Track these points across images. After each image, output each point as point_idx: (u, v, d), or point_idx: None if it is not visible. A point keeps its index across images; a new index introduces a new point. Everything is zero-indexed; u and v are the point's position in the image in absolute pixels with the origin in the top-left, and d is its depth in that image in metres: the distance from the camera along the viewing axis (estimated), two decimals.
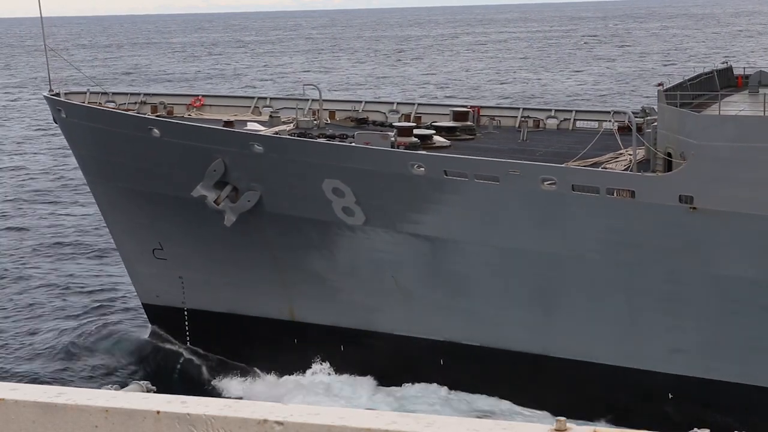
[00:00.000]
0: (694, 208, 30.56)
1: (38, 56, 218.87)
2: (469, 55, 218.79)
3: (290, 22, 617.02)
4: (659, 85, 34.38)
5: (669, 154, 31.84)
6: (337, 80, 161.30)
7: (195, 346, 41.61)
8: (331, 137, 38.30)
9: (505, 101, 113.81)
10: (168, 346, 41.88)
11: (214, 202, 37.52)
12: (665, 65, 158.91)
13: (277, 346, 38.81)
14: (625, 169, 32.68)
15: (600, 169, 33.11)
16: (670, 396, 33.08)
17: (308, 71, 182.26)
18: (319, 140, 37.20)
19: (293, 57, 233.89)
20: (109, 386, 7.29)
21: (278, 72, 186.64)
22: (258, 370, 39.16)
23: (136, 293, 44.36)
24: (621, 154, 34.57)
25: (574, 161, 33.54)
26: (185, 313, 41.62)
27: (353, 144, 36.10)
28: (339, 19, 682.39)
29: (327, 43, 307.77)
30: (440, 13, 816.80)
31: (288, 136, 38.02)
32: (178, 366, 40.82)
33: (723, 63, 41.95)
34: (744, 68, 42.24)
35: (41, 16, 43.08)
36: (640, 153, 33.45)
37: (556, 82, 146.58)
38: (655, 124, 33.31)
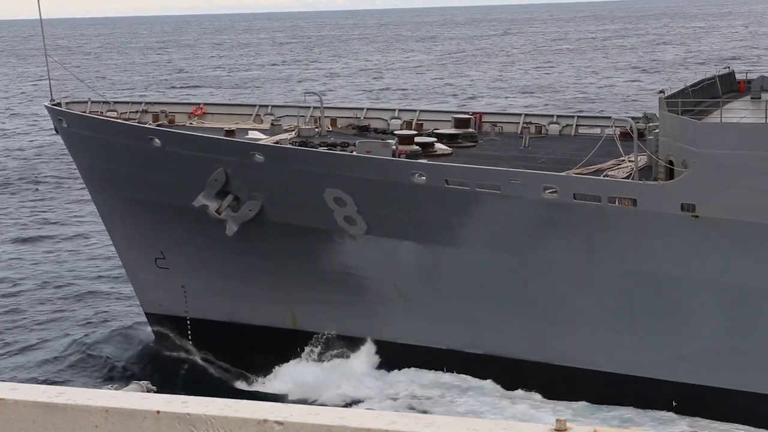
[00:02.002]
0: (696, 216, 30.55)
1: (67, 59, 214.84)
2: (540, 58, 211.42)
3: (304, 23, 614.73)
4: (660, 92, 34.37)
5: (671, 162, 31.82)
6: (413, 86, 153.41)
7: (198, 355, 41.61)
8: (333, 146, 38.33)
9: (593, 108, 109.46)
10: (170, 353, 41.93)
11: (216, 211, 37.58)
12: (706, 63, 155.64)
13: (280, 355, 38.79)
14: (628, 177, 32.67)
15: (602, 176, 33.12)
16: (674, 404, 33.07)
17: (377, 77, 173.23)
18: (320, 149, 37.24)
19: (341, 61, 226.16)
20: (109, 386, 7.29)
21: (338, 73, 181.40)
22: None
23: (138, 302, 44.37)
24: (623, 160, 34.57)
25: (576, 169, 33.55)
26: (188, 321, 41.64)
27: (354, 153, 36.13)
28: (351, 19, 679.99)
29: (356, 45, 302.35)
30: (451, 13, 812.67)
31: (289, 146, 38.05)
32: (181, 372, 40.85)
33: (725, 68, 41.93)
34: (746, 73, 42.16)
35: (42, 26, 43.16)
36: (643, 159, 33.44)
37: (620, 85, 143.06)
38: (657, 131, 33.31)
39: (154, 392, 7.42)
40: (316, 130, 41.66)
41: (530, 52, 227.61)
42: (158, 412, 6.51)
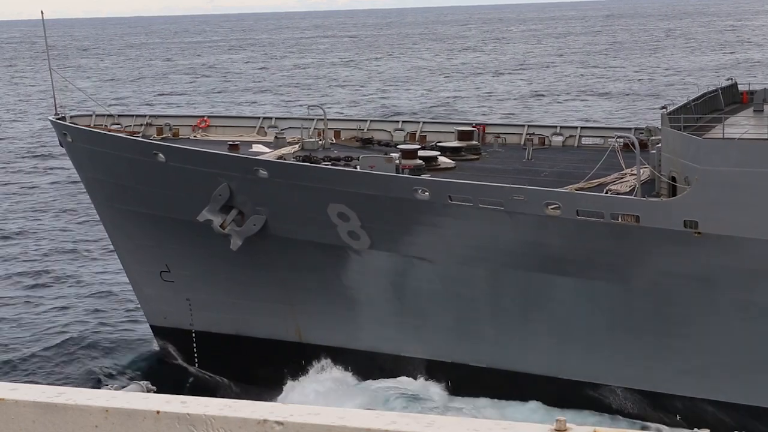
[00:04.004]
0: (699, 233, 30.48)
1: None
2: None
3: (323, 22, 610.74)
4: (663, 107, 34.34)
5: (673, 178, 31.78)
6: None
7: (203, 368, 41.68)
8: (336, 160, 38.38)
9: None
10: (173, 361, 42.08)
11: (220, 226, 37.64)
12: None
13: (285, 368, 38.80)
14: (630, 191, 32.63)
15: (605, 191, 33.08)
16: (678, 417, 33.05)
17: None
18: (323, 165, 37.27)
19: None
20: (109, 386, 7.28)
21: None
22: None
23: (143, 315, 44.43)
24: (626, 174, 34.55)
25: (579, 184, 33.50)
26: (193, 334, 41.69)
27: (358, 168, 36.16)
28: (365, 19, 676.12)
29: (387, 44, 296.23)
30: (455, 12, 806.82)
31: (292, 161, 38.11)
32: (182, 376, 40.96)
33: (728, 80, 41.88)
34: (749, 84, 42.12)
35: (46, 41, 43.29)
36: (645, 173, 33.43)
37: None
38: (659, 145, 33.29)
39: (154, 392, 7.41)
40: (320, 142, 41.72)
41: (580, 53, 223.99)
42: (158, 412, 6.52)
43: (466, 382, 36.02)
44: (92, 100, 54.43)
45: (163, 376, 40.04)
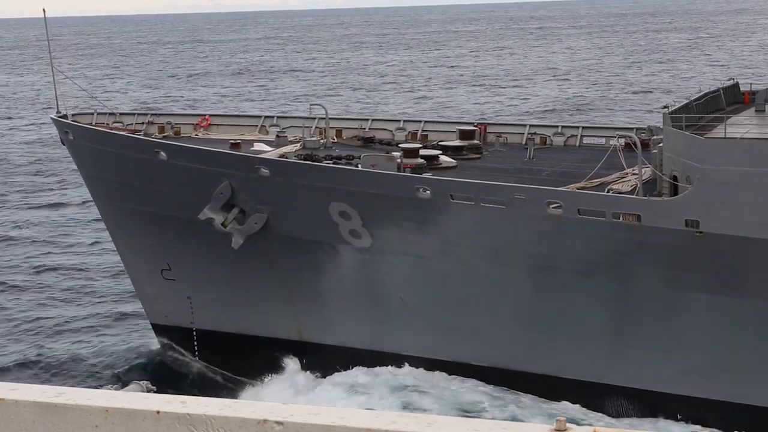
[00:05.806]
0: (701, 232, 30.47)
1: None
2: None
3: (337, 20, 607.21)
4: (665, 107, 34.35)
5: (674, 177, 31.78)
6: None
7: (202, 366, 41.72)
8: (338, 159, 38.40)
9: None
10: (173, 359, 42.10)
11: (222, 224, 37.69)
12: None
13: (285, 366, 38.84)
14: (632, 191, 32.64)
15: (606, 191, 33.10)
16: (679, 417, 33.07)
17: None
18: (325, 164, 37.30)
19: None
20: (109, 386, 7.28)
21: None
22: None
23: (144, 313, 44.44)
24: (627, 173, 34.55)
25: (581, 183, 33.50)
26: (194, 333, 41.73)
27: (359, 167, 36.18)
28: (372, 17, 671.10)
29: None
30: (464, 11, 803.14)
31: (294, 160, 38.12)
32: (183, 376, 40.97)
33: (729, 80, 41.87)
34: (751, 84, 42.12)
35: (48, 39, 43.30)
36: (647, 172, 33.43)
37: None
38: (661, 145, 33.30)
39: (154, 392, 7.41)
40: (322, 141, 41.73)
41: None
42: (158, 412, 6.51)
43: (467, 381, 36.03)
44: (94, 98, 54.38)
45: (163, 376, 40.13)
